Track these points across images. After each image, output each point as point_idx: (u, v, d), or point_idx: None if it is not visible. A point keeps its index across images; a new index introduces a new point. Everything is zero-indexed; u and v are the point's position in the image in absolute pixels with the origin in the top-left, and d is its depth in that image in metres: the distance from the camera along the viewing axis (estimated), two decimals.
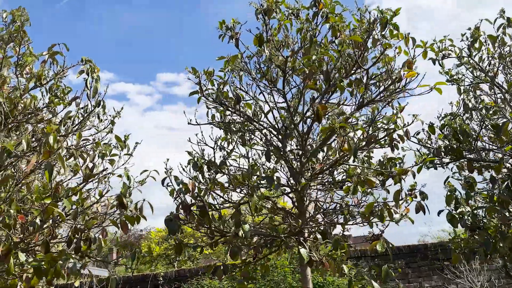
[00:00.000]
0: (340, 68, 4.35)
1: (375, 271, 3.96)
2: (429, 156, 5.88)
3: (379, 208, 4.25)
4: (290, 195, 5.25)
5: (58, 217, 3.90)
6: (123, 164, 5.87)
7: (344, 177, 5.46)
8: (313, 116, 4.51)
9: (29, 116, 5.14)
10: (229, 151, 5.47)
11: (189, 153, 5.41)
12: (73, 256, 4.15)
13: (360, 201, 4.65)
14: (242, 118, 4.94)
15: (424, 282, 11.71)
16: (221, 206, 5.16)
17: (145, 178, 5.23)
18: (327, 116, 4.91)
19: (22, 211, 4.07)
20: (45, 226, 4.23)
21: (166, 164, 4.63)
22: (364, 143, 4.22)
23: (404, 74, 4.22)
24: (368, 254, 11.51)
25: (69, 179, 5.03)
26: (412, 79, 4.29)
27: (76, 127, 5.84)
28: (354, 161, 3.84)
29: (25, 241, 4.05)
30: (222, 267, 5.14)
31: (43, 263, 3.84)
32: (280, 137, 5.23)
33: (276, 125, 5.20)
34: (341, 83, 4.27)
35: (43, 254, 3.93)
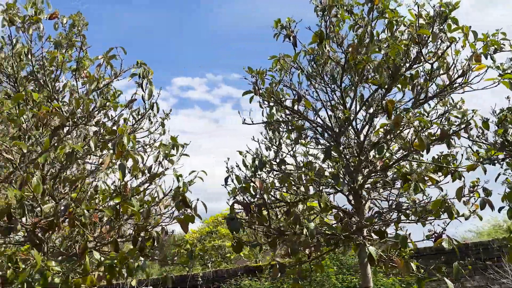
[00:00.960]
0: (401, 63, 4.30)
1: (445, 269, 3.88)
2: (482, 152, 5.75)
3: (447, 205, 4.16)
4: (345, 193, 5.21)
5: (132, 216, 3.97)
6: (172, 165, 5.96)
7: (395, 175, 5.40)
8: (373, 112, 4.47)
9: (88, 118, 5.27)
10: (277, 149, 5.49)
11: (241, 152, 5.46)
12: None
13: (425, 199, 4.58)
14: (298, 116, 4.93)
15: (466, 282, 11.43)
16: (277, 205, 5.16)
17: (193, 179, 5.31)
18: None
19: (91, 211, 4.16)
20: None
21: (227, 164, 4.67)
22: (434, 138, 4.15)
23: (472, 67, 4.13)
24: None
25: (129, 179, 5.13)
26: (480, 73, 4.19)
27: (129, 129, 5.95)
28: (426, 157, 3.77)
29: (96, 240, 4.14)
30: (278, 266, 5.14)
31: (115, 261, 3.92)
32: (331, 134, 5.22)
33: (329, 123, 5.18)
34: (402, 78, 4.21)
35: (114, 253, 4.02)
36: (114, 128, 5.82)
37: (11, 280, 4.36)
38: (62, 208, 3.73)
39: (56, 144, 4.51)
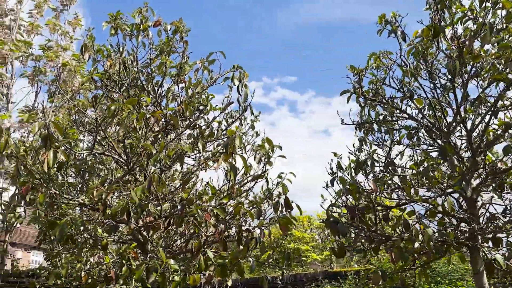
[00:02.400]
0: None
1: None
2: None
3: None
4: (455, 196, 4.87)
5: (246, 215, 3.99)
6: (263, 166, 5.94)
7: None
8: (493, 110, 4.13)
9: (189, 121, 5.43)
10: (371, 151, 5.27)
11: (335, 154, 5.32)
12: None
13: None
14: (405, 116, 4.70)
15: None
16: (377, 209, 4.95)
17: (282, 180, 5.23)
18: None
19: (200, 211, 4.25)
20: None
21: (330, 165, 4.55)
22: None
23: None
24: None
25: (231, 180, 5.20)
26: None
27: (225, 131, 6.05)
28: None
29: (205, 240, 4.21)
30: (381, 273, 4.91)
31: (226, 261, 3.96)
32: (439, 134, 4.90)
33: (436, 122, 4.88)
34: None
35: (225, 252, 4.06)
36: (208, 130, 5.97)
37: (125, 276, 4.56)
38: (179, 207, 3.84)
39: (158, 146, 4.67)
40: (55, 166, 4.40)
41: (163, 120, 5.23)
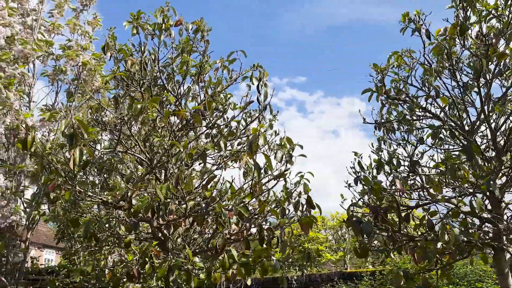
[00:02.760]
0: None
1: None
2: None
3: None
4: (478, 196, 4.81)
5: (269, 213, 3.99)
6: (284, 165, 5.92)
7: None
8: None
9: (209, 120, 5.45)
10: (391, 151, 5.23)
11: (356, 153, 5.29)
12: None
13: None
14: (428, 115, 4.66)
15: None
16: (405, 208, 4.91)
17: (300, 180, 5.21)
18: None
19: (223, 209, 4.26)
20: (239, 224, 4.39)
21: (353, 164, 4.53)
22: None
23: None
24: None
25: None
26: None
27: (244, 130, 6.06)
28: None
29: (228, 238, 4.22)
30: (403, 273, 4.87)
31: (250, 259, 3.96)
32: (462, 133, 4.85)
33: (458, 121, 4.83)
34: None
35: (248, 251, 4.06)
36: (226, 130, 5.98)
37: (148, 274, 4.59)
38: (203, 205, 3.85)
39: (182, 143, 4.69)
40: (80, 164, 4.45)
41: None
